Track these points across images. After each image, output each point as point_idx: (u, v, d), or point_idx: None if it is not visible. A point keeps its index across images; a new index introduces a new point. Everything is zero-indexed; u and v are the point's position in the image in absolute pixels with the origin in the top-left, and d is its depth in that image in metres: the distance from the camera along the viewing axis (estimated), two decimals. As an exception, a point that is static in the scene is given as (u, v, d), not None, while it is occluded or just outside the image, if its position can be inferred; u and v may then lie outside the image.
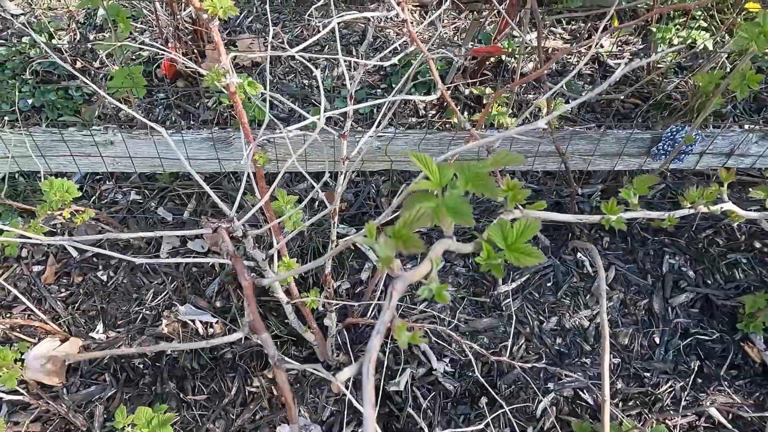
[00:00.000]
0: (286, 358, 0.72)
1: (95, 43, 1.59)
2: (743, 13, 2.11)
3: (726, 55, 2.03)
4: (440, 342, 1.80)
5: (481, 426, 1.66)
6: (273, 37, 2.42)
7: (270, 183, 1.47)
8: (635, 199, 0.76)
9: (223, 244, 0.60)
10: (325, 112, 1.10)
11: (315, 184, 1.30)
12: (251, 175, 1.13)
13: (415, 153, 0.56)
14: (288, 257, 1.19)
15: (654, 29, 1.95)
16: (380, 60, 2.11)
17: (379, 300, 1.72)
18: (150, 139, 1.65)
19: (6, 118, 2.10)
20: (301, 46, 0.87)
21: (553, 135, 1.57)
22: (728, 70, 1.99)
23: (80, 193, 1.56)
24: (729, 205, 1.06)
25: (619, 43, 2.37)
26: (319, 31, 2.24)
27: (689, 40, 1.89)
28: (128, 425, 1.48)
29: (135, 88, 1.57)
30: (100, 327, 1.85)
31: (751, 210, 1.16)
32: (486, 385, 1.69)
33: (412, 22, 2.35)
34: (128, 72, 1.53)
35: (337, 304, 1.71)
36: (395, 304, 0.47)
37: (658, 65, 2.21)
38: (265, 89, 0.94)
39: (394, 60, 1.11)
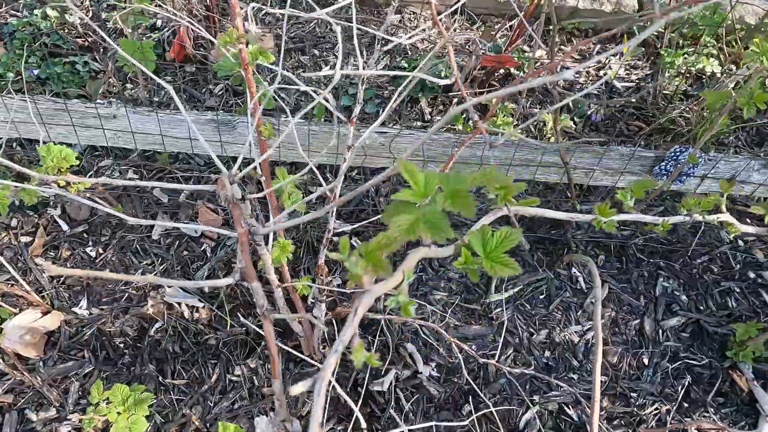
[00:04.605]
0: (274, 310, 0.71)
1: (121, 10, 1.58)
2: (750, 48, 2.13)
3: (732, 85, 2.04)
4: (427, 346, 1.78)
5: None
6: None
7: (274, 172, 1.46)
8: (631, 201, 0.75)
9: (223, 191, 0.59)
10: (335, 90, 1.09)
11: (318, 175, 1.29)
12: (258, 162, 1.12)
13: (402, 161, 0.56)
14: (284, 239, 1.17)
15: (663, 53, 1.97)
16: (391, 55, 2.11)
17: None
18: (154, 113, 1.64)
19: (10, 86, 2.08)
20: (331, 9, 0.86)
21: (561, 146, 1.57)
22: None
23: (77, 162, 1.54)
24: (726, 216, 1.06)
25: (628, 67, 2.38)
26: (331, 29, 2.25)
27: (698, 65, 1.90)
28: (103, 401, 1.45)
29: (146, 61, 1.56)
30: (84, 303, 1.81)
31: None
32: (474, 388, 1.66)
33: (431, 19, 2.36)
34: (138, 45, 1.52)
35: (329, 295, 1.69)
36: (358, 321, 0.46)
37: (665, 91, 2.22)
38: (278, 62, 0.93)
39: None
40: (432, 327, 1.53)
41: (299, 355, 1.47)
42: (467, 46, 2.32)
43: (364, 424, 1.10)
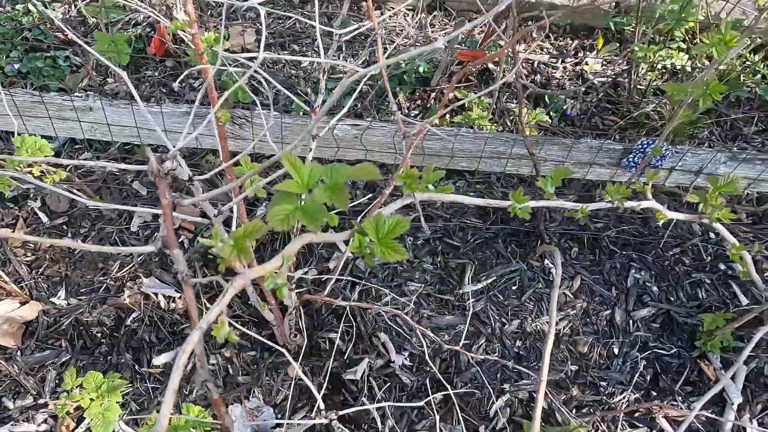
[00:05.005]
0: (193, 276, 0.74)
1: (87, 4, 1.61)
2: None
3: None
4: (400, 336, 1.81)
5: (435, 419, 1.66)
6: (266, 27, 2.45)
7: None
8: (551, 188, 0.79)
9: (150, 165, 0.61)
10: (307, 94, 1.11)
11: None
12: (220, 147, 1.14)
13: (286, 154, 0.59)
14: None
15: (636, 48, 2.00)
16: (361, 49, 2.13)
17: (343, 282, 1.72)
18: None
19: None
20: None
21: (526, 138, 1.59)
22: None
23: (52, 153, 1.56)
24: (651, 203, 1.09)
25: (604, 62, 2.41)
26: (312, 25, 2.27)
27: (669, 60, 1.93)
28: (77, 388, 1.47)
29: (118, 54, 1.59)
30: (62, 293, 1.84)
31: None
32: (442, 378, 1.69)
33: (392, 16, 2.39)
34: (112, 38, 1.55)
35: (305, 285, 1.71)
36: (227, 301, 0.50)
37: (639, 85, 2.25)
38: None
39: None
40: (404, 318, 1.55)
41: (273, 345, 1.49)
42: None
43: (322, 405, 1.13)
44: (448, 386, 1.51)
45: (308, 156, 1.33)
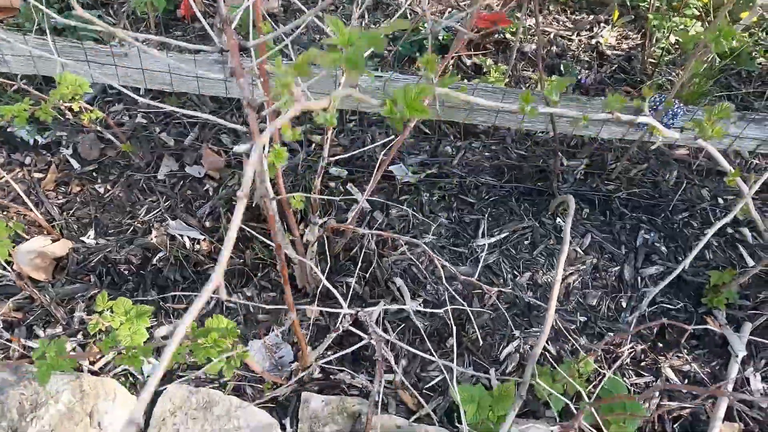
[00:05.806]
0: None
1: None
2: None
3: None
4: (416, 282, 1.87)
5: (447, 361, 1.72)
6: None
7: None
8: (556, 96, 0.85)
9: (219, 10, 0.68)
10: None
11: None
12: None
13: (330, 17, 0.68)
14: (279, 146, 1.27)
15: (651, 16, 2.06)
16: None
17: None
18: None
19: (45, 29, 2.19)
20: None
21: (546, 90, 1.66)
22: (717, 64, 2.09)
23: (91, 90, 1.64)
24: (647, 119, 1.15)
25: (619, 37, 2.48)
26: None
27: (681, 26, 2.00)
28: (107, 310, 1.54)
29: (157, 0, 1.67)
30: (91, 233, 1.91)
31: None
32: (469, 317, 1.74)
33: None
34: (151, -16, 1.64)
35: (322, 202, 1.78)
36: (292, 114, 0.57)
37: (652, 58, 2.31)
38: None
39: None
40: (428, 252, 1.62)
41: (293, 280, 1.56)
42: (463, 5, 2.42)
43: (347, 310, 1.20)
44: (470, 314, 1.57)
45: (334, 102, 1.40)
